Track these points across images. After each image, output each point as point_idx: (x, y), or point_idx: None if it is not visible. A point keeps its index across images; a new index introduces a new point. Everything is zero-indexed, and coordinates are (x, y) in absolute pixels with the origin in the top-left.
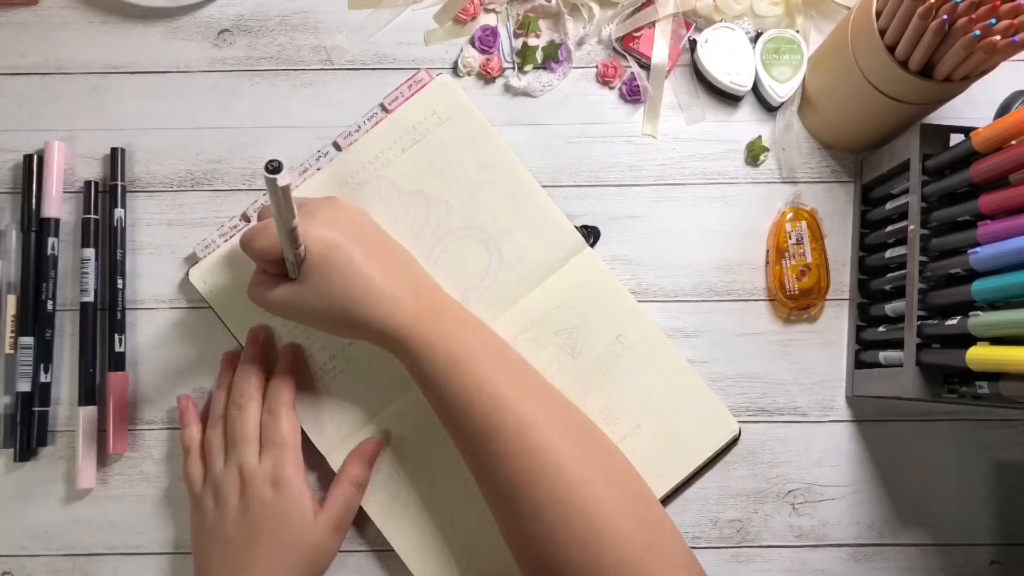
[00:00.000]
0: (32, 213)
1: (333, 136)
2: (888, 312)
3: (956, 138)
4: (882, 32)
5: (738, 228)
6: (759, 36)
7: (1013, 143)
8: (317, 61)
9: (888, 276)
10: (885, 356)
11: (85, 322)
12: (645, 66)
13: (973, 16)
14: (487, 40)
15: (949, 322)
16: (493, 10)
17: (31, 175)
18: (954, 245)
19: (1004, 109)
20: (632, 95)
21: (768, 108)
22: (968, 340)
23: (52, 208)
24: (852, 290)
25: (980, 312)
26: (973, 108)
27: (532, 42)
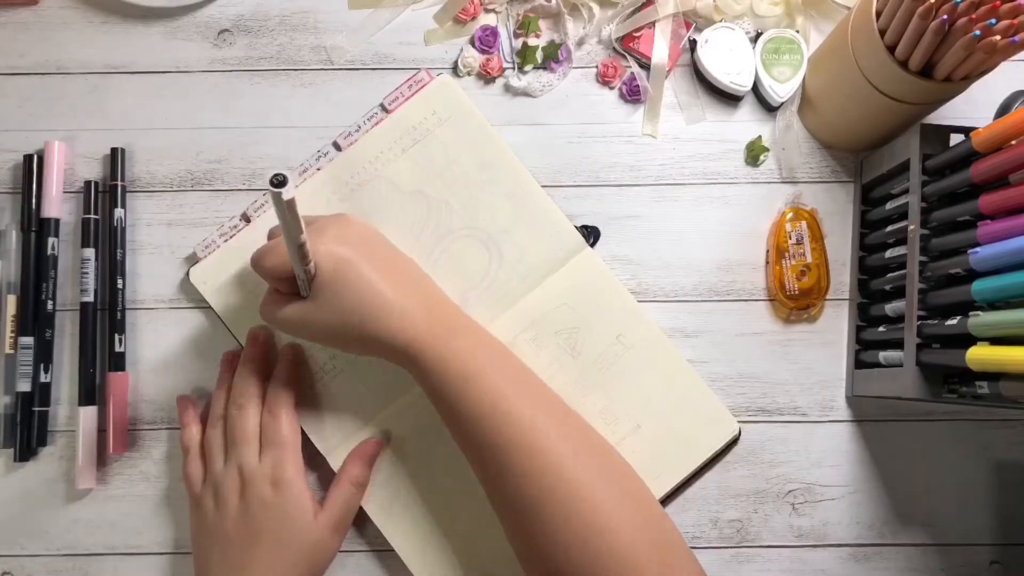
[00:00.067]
0: (32, 213)
1: (333, 136)
2: (888, 312)
3: (956, 138)
4: (882, 32)
5: (738, 228)
6: (759, 36)
7: (1013, 143)
8: (317, 61)
9: (888, 276)
10: (885, 356)
11: (85, 322)
12: (645, 66)
13: (973, 16)
14: (487, 40)
15: (949, 322)
16: (493, 10)
17: (31, 175)
18: (954, 245)
19: (1004, 109)
20: (632, 95)
21: (768, 108)
22: (968, 340)
23: (52, 208)
24: (852, 290)
25: (980, 312)
26: (973, 108)
27: (532, 42)
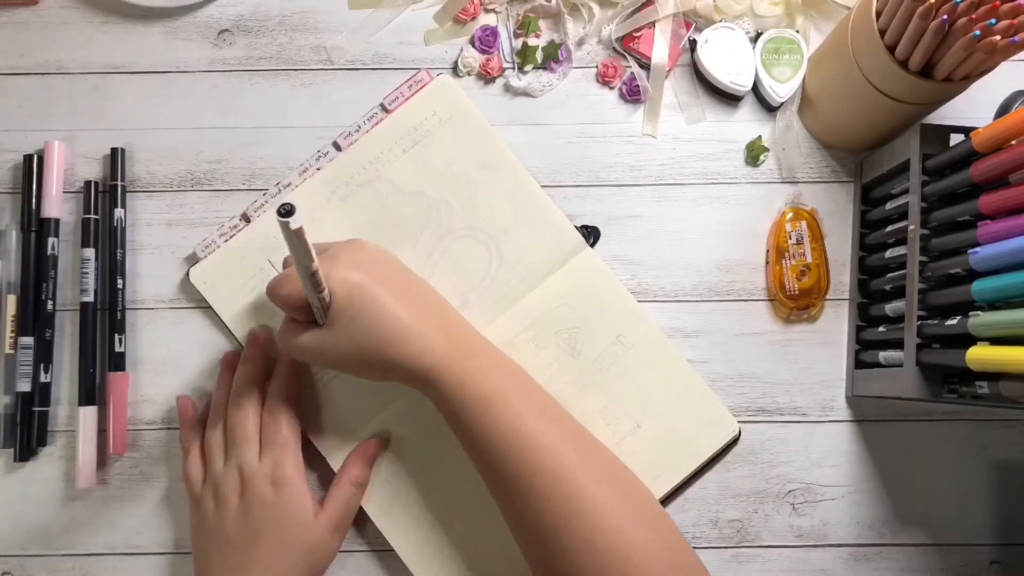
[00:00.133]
0: (32, 213)
1: (333, 136)
2: (888, 312)
3: (956, 138)
4: (882, 32)
5: (738, 228)
6: (759, 36)
7: (1013, 143)
8: (317, 61)
9: (888, 276)
10: (885, 356)
11: (85, 322)
12: (645, 66)
13: (973, 16)
14: (487, 40)
15: (949, 322)
16: (493, 10)
17: (31, 175)
18: (954, 245)
19: (1004, 109)
20: (632, 95)
21: (768, 108)
22: (968, 340)
23: (52, 208)
24: (852, 290)
25: (980, 312)
26: (973, 108)
27: (532, 42)
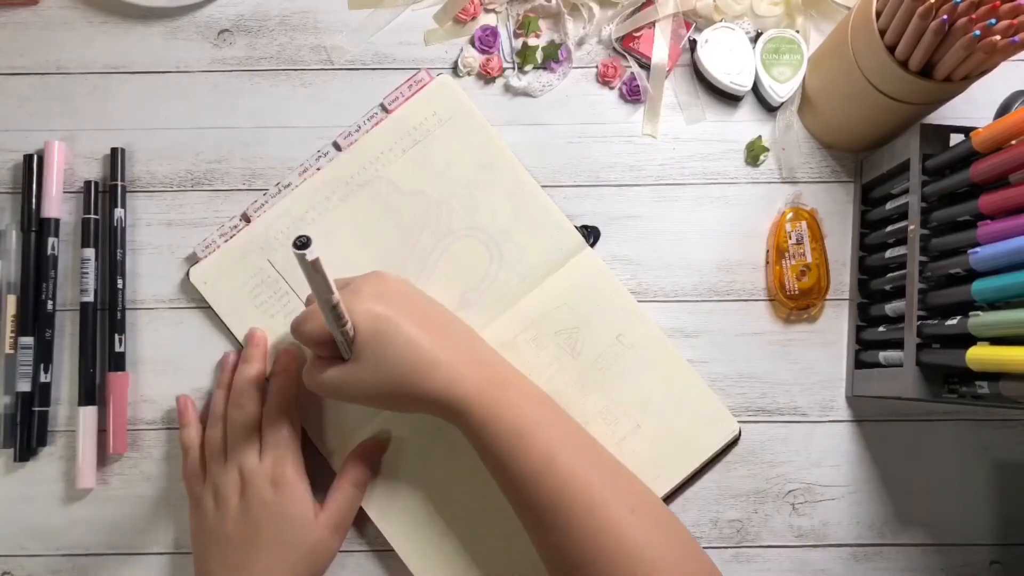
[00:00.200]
0: (32, 213)
1: (333, 136)
2: (888, 312)
3: (956, 138)
4: (882, 32)
5: (738, 228)
6: (759, 36)
7: (1013, 143)
8: (317, 61)
9: (888, 276)
10: (885, 356)
11: (85, 322)
12: (645, 66)
13: (973, 16)
14: (487, 40)
15: (949, 322)
16: (493, 10)
17: (31, 175)
18: (954, 245)
19: (1004, 109)
20: (632, 95)
21: (768, 108)
22: (968, 340)
23: (52, 208)
24: (852, 290)
25: (980, 312)
26: (973, 108)
27: (532, 42)
